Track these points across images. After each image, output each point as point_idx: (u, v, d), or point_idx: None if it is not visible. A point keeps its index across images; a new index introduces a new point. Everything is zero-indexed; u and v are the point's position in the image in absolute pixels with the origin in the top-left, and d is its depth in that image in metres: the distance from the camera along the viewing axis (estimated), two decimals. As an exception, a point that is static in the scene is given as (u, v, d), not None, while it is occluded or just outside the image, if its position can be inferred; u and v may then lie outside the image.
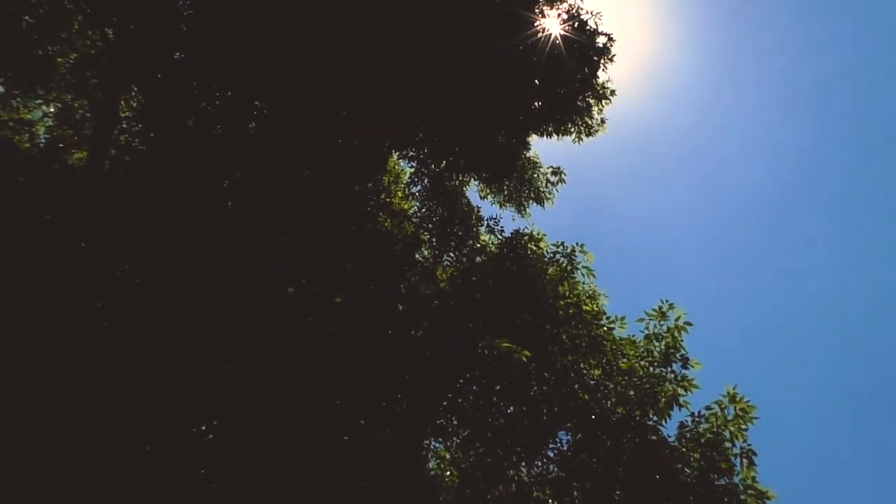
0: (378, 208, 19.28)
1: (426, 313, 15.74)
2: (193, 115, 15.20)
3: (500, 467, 14.74)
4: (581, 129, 21.36)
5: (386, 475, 11.69)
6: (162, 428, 12.71)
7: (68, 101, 18.75)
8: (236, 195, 15.36)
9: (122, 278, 15.13)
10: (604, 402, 15.43)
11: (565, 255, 17.38)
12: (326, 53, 14.56)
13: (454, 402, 15.10)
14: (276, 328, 13.12)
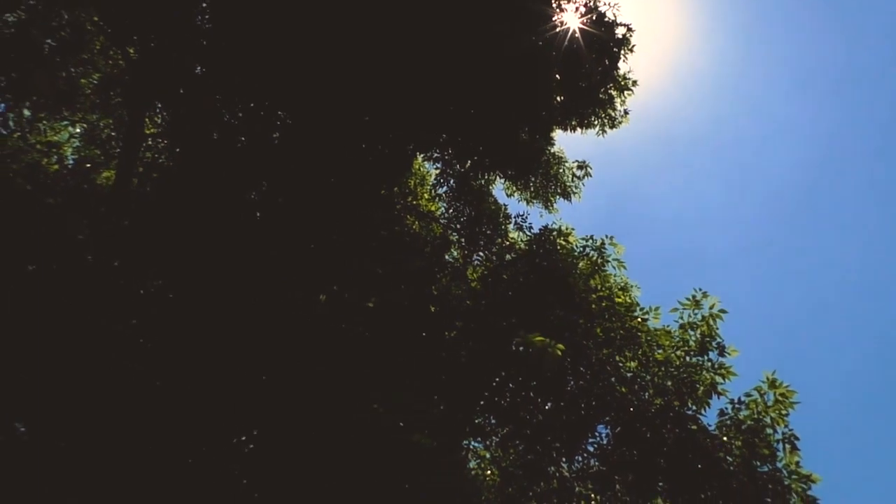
0: (406, 211, 19.32)
1: (458, 314, 15.74)
2: (217, 128, 15.29)
3: (540, 464, 14.72)
4: (604, 121, 21.27)
5: (426, 477, 11.70)
6: (203, 440, 12.80)
7: (94, 122, 18.94)
8: (264, 206, 15.44)
9: (155, 294, 15.28)
10: (641, 394, 15.36)
11: (595, 249, 17.30)
12: (347, 58, 14.60)
13: (491, 400, 15.09)
14: (310, 336, 13.17)
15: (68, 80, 17.74)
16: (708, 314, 16.04)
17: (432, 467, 11.75)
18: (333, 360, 12.88)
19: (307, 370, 12.47)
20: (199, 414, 12.85)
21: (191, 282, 14.20)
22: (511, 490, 14.94)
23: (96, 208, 15.78)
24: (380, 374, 13.45)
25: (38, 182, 15.53)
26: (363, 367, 13.05)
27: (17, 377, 12.85)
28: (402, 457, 11.44)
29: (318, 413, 11.90)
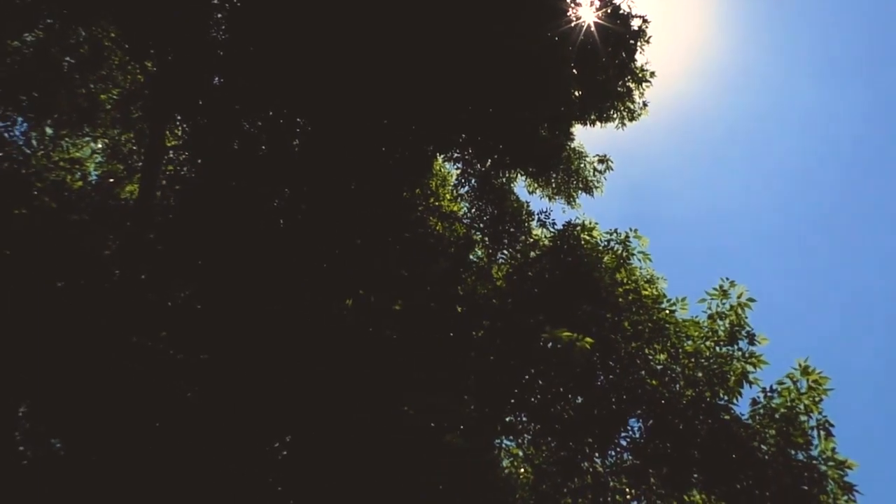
0: (428, 212, 19.32)
1: (485, 313, 15.73)
2: (238, 138, 15.37)
3: (573, 460, 14.68)
4: (623, 114, 21.22)
5: (460, 477, 11.70)
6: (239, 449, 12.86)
7: (115, 137, 19.08)
8: (287, 213, 15.50)
9: (183, 306, 15.37)
10: (672, 386, 15.30)
11: (619, 242, 17.24)
12: (363, 61, 14.63)
13: (521, 398, 15.07)
14: (338, 341, 13.20)
15: (88, 96, 17.89)
16: (736, 303, 15.94)
17: (465, 467, 11.74)
18: (362, 365, 12.91)
19: (337, 375, 12.51)
20: (233, 423, 12.91)
21: (218, 292, 14.27)
22: (545, 487, 14.91)
23: (121, 223, 15.89)
24: (409, 377, 13.46)
25: (62, 199, 15.66)
26: (392, 371, 13.07)
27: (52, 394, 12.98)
28: (435, 458, 11.44)
29: (349, 417, 11.93)
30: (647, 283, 17.01)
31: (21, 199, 14.86)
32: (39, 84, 16.34)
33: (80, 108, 17.73)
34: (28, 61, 16.31)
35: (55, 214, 15.14)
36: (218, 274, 14.41)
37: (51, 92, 16.72)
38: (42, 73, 16.42)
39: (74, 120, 17.82)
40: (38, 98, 16.38)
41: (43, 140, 17.24)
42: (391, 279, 15.46)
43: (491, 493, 12.60)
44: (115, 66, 18.47)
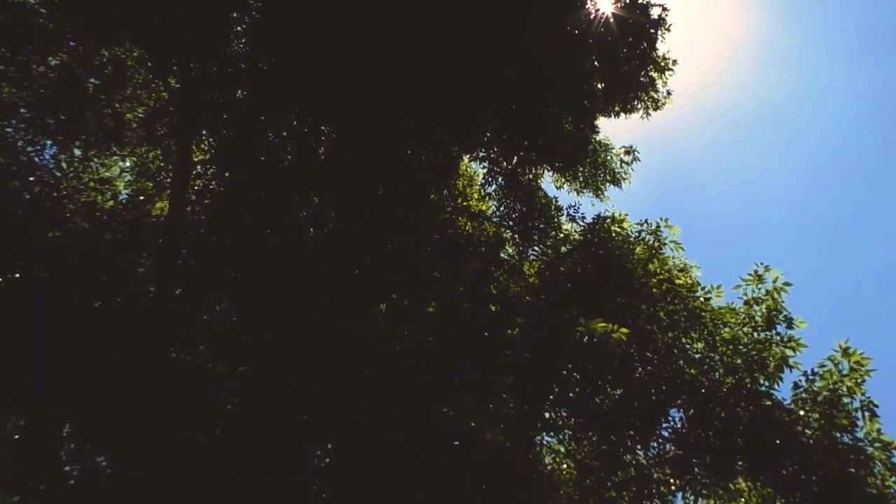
0: (457, 213, 19.31)
1: (519, 310, 15.70)
2: (263, 149, 15.45)
3: (616, 453, 14.64)
4: (648, 104, 21.12)
5: (502, 476, 11.68)
6: (280, 459, 12.92)
7: (143, 154, 19.24)
8: (316, 221, 15.56)
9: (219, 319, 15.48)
10: (711, 375, 15.20)
11: (651, 233, 17.14)
12: (384, 65, 14.65)
13: (560, 394, 15.03)
14: (374, 346, 13.23)
15: (115, 116, 18.07)
16: (772, 288, 15.81)
17: (506, 465, 11.73)
18: (399, 368, 12.93)
19: (374, 380, 12.53)
20: (274, 433, 12.98)
21: (253, 304, 14.35)
22: (589, 482, 14.87)
23: (154, 240, 16.03)
24: (445, 379, 13.47)
25: (95, 219, 15.82)
26: (429, 373, 13.08)
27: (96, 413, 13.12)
28: (475, 458, 11.44)
29: (388, 422, 11.95)
30: (680, 272, 16.90)
31: (54, 222, 15.02)
32: (66, 106, 16.53)
33: (107, 128, 17.90)
34: (54, 85, 16.50)
35: (88, 235, 15.30)
36: (251, 286, 14.49)
37: (78, 114, 16.90)
38: (68, 95, 16.59)
39: (102, 140, 17.99)
40: (65, 120, 16.56)
41: (72, 162, 17.42)
42: (423, 281, 15.47)
43: (533, 490, 12.56)
44: (139, 85, 18.64)
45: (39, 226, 14.53)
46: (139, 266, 15.86)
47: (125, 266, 15.36)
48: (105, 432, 13.14)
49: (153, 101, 18.93)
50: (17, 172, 14.81)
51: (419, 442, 11.59)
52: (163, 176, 18.96)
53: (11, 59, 15.46)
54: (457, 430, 11.53)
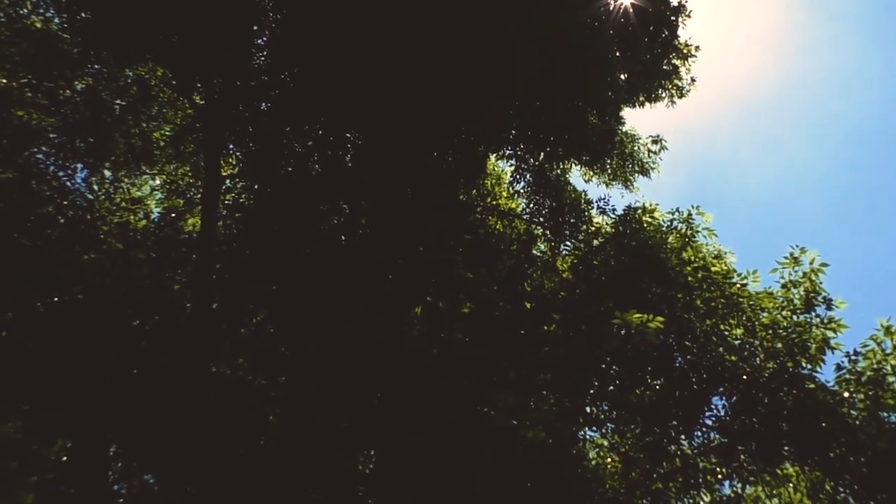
0: (486, 212, 19.31)
1: (554, 306, 15.67)
2: (291, 159, 15.53)
3: (660, 444, 14.56)
4: (672, 92, 20.99)
5: (546, 473, 11.66)
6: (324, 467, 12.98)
7: (172, 172, 19.41)
8: (346, 229, 15.62)
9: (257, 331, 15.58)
10: (752, 360, 15.08)
11: (682, 221, 17.00)
12: (405, 70, 14.67)
13: (600, 388, 14.99)
14: (411, 349, 13.25)
15: (142, 135, 18.24)
16: (809, 270, 15.64)
17: (551, 462, 11.70)
18: (437, 371, 12.95)
19: (412, 384, 12.55)
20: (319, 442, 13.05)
21: (288, 315, 14.43)
22: (634, 474, 14.80)
23: (187, 256, 16.16)
24: (484, 379, 13.47)
25: (128, 239, 15.98)
26: (467, 374, 13.08)
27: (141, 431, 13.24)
28: (519, 456, 11.42)
29: (429, 424, 11.96)
30: (715, 259, 16.76)
31: (89, 244, 15.19)
32: (94, 129, 16.71)
33: (136, 149, 18.08)
34: (81, 109, 16.68)
35: (123, 255, 15.46)
36: (286, 297, 14.56)
37: (106, 136, 17.07)
38: (96, 118, 16.78)
39: (131, 160, 18.17)
40: (94, 143, 16.74)
41: (103, 183, 17.60)
42: (457, 283, 15.48)
43: (579, 485, 12.53)
44: (164, 104, 18.80)
45: (75, 249, 14.69)
46: (175, 283, 16.00)
47: (161, 284, 15.51)
48: (151, 450, 13.26)
49: (179, 118, 19.09)
50: (51, 197, 14.99)
51: (461, 443, 11.59)
52: (193, 192, 19.11)
53: (38, 86, 15.66)
54: (498, 429, 11.52)
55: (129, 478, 14.84)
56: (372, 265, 14.60)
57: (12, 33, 15.58)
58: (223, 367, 15.73)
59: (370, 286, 14.41)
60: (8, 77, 15.23)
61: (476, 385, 12.95)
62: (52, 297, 13.93)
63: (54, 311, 13.66)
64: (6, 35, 15.48)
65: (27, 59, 15.45)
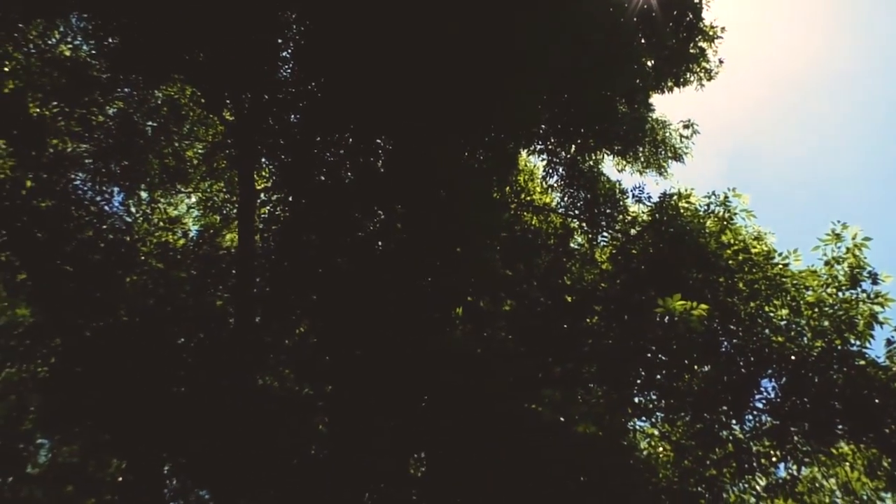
0: (521, 208, 19.29)
1: (595, 298, 15.62)
2: (323, 169, 15.60)
3: (711, 430, 14.46)
4: (700, 75, 20.83)
5: (598, 466, 11.62)
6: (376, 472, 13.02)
7: (207, 189, 19.61)
8: (382, 234, 15.66)
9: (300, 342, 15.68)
10: (800, 340, 14.91)
11: (719, 204, 16.82)
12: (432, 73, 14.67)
13: (647, 377, 14.91)
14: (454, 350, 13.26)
15: (175, 155, 18.44)
16: (852, 245, 15.41)
17: (602, 455, 11.66)
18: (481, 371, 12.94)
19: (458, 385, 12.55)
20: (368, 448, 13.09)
21: (331, 324, 14.50)
22: (687, 462, 14.71)
23: (227, 272, 16.31)
24: (530, 375, 13.44)
25: (168, 259, 16.16)
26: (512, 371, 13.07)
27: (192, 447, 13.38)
28: (569, 451, 11.39)
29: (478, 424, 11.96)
30: (755, 240, 16.56)
31: (130, 266, 15.38)
32: (128, 152, 16.91)
33: (170, 168, 18.28)
34: (114, 133, 16.89)
35: (164, 275, 15.63)
36: (327, 306, 14.64)
37: (140, 158, 17.28)
38: (129, 141, 16.98)
39: (166, 180, 18.39)
40: (128, 166, 16.95)
41: (140, 205, 17.82)
42: (497, 281, 15.47)
43: (631, 476, 12.47)
44: (195, 122, 19.00)
45: (117, 272, 14.88)
46: (217, 299, 16.15)
47: (203, 301, 15.66)
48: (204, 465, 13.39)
49: (211, 135, 19.29)
50: (90, 223, 15.19)
51: (510, 442, 11.58)
52: (229, 208, 19.30)
53: (71, 114, 15.87)
54: (547, 425, 11.50)
55: (185, 494, 15.02)
56: (410, 269, 14.63)
57: (43, 63, 15.80)
58: (269, 379, 15.86)
59: (410, 290, 14.44)
60: (41, 106, 15.45)
61: (522, 382, 12.93)
62: (98, 322, 14.12)
63: (101, 334, 13.84)
64: (37, 66, 15.70)
65: (58, 87, 15.66)
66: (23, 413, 17.98)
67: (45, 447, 18.50)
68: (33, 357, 15.33)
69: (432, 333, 13.92)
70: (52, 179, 15.19)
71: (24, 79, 15.30)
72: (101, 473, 17.42)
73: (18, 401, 17.97)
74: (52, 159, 15.39)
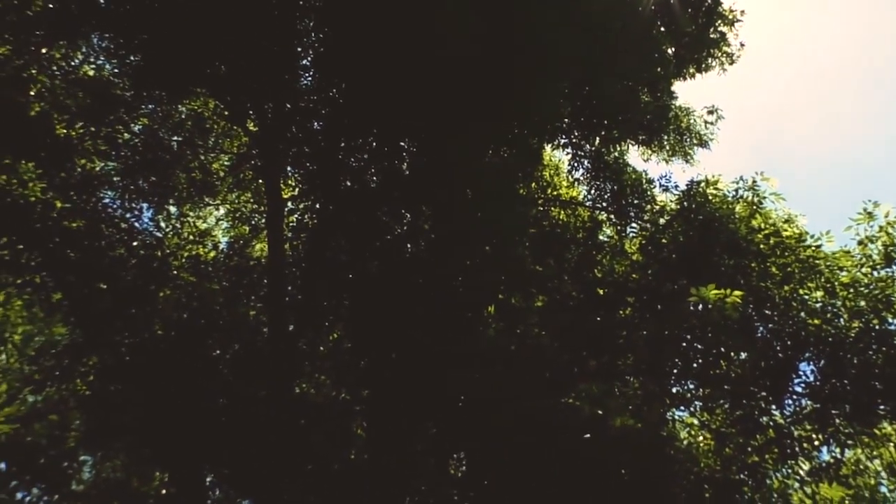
0: (548, 204, 19.24)
1: (627, 290, 15.55)
2: (349, 174, 15.66)
3: (751, 417, 14.34)
4: (722, 59, 20.73)
5: (639, 458, 11.58)
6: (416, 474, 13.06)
7: (234, 200, 19.74)
8: (411, 237, 15.69)
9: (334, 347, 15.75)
10: (836, 322, 14.74)
11: (748, 189, 16.67)
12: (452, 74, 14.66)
13: (684, 367, 14.81)
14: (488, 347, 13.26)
15: (202, 168, 18.58)
16: (885, 223, 15.23)
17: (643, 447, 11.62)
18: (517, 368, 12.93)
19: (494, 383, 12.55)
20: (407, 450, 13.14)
21: (364, 328, 14.55)
22: (729, 450, 14.59)
23: (259, 281, 16.41)
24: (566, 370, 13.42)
25: (200, 272, 16.29)
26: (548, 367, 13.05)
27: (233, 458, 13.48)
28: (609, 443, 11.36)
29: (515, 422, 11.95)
30: (785, 223, 16.38)
31: (163, 281, 15.52)
32: (155, 168, 17.07)
33: (197, 182, 18.42)
34: (140, 149, 17.05)
35: (196, 288, 15.75)
36: (359, 310, 14.69)
37: (167, 173, 17.43)
38: (155, 157, 17.14)
39: (194, 194, 18.53)
40: (156, 181, 17.10)
41: (170, 220, 17.97)
42: (527, 277, 15.45)
43: (672, 466, 12.41)
44: (220, 134, 19.14)
45: (150, 287, 15.01)
46: (249, 309, 16.26)
47: (236, 311, 15.77)
48: (246, 475, 13.48)
49: (236, 147, 19.42)
50: (121, 240, 15.33)
51: (549, 438, 11.56)
52: (257, 218, 19.41)
53: (97, 133, 16.03)
54: (586, 420, 11.47)
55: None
56: (440, 269, 14.65)
57: (67, 84, 15.96)
58: (306, 386, 15.94)
59: (440, 290, 14.46)
60: (67, 127, 15.60)
61: (557, 378, 12.90)
62: (134, 337, 14.26)
63: (138, 349, 13.98)
64: (62, 87, 15.87)
65: (83, 108, 15.82)
66: (65, 431, 18.16)
67: (89, 463, 18.68)
68: (72, 376, 15.49)
69: (465, 333, 13.93)
70: (81, 199, 15.34)
71: (49, 101, 15.46)
72: (144, 487, 17.57)
73: (60, 419, 18.17)
74: (80, 179, 15.54)
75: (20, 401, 18.17)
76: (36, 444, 17.92)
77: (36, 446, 17.81)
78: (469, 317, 14.68)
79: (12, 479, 17.29)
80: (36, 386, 17.65)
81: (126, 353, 13.98)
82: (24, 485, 17.24)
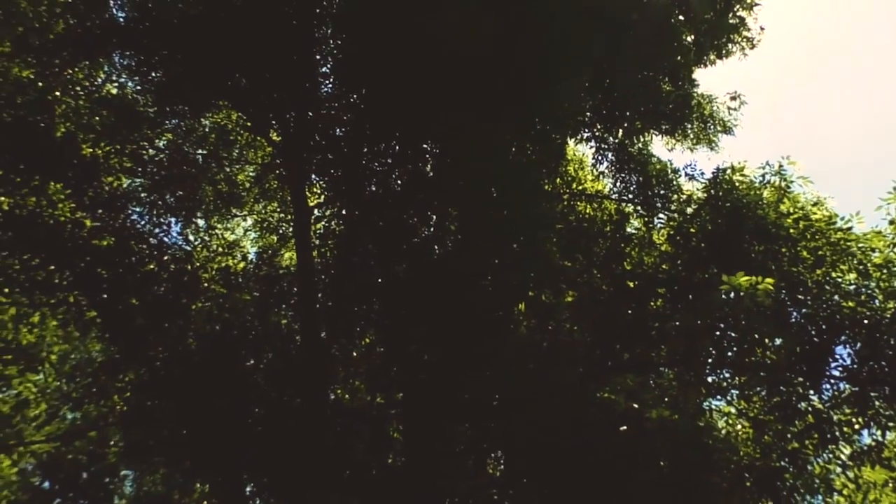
0: (574, 198, 19.19)
1: (657, 281, 15.48)
2: (373, 178, 15.69)
3: (789, 403, 14.22)
4: (742, 45, 20.57)
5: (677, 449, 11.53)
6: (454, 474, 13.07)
7: (261, 210, 19.86)
8: (438, 238, 15.70)
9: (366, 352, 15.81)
10: (871, 304, 14.59)
11: (775, 174, 16.55)
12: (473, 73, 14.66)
13: (718, 355, 14.71)
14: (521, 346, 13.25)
15: (227, 180, 18.72)
16: (916, 200, 15.06)
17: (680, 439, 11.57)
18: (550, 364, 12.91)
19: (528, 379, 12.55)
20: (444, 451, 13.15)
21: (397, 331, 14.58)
22: (768, 437, 14.48)
23: (289, 290, 16.49)
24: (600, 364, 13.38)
25: (230, 283, 16.40)
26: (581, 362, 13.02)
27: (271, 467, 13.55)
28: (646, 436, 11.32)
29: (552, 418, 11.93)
30: (814, 206, 16.25)
31: (194, 294, 15.63)
32: (181, 182, 17.21)
33: (223, 194, 18.56)
34: (166, 164, 17.19)
35: (227, 299, 15.86)
36: (390, 315, 14.72)
37: (193, 186, 17.57)
38: (181, 171, 17.28)
39: (220, 206, 18.68)
40: (183, 196, 17.24)
41: (198, 233, 18.11)
42: (556, 273, 15.42)
43: (711, 456, 12.33)
44: (243, 146, 19.28)
45: (181, 301, 15.13)
46: (281, 318, 16.35)
47: (267, 321, 15.86)
48: (285, 483, 13.55)
49: (260, 157, 19.54)
50: (151, 255, 15.46)
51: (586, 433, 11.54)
52: (284, 227, 19.52)
53: (122, 150, 16.18)
54: (621, 413, 11.44)
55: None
56: (468, 269, 14.64)
57: (91, 104, 16.13)
58: (341, 392, 16.01)
59: (470, 290, 14.45)
60: (93, 146, 15.76)
61: (591, 372, 12.87)
62: (169, 351, 14.38)
63: (172, 363, 14.10)
64: (86, 107, 16.03)
65: (108, 126, 15.97)
66: (105, 447, 18.36)
67: (130, 478, 18.86)
68: (110, 392, 15.65)
69: (497, 331, 13.92)
70: (110, 216, 15.49)
71: (74, 121, 15.62)
72: (186, 499, 17.72)
73: (100, 436, 18.36)
74: (108, 197, 15.69)
75: (59, 419, 18.36)
76: (77, 461, 18.13)
77: (77, 463, 18.02)
78: (500, 315, 14.67)
79: (55, 496, 17.51)
80: (74, 404, 17.84)
81: (161, 368, 14.10)
82: (67, 502, 17.44)
